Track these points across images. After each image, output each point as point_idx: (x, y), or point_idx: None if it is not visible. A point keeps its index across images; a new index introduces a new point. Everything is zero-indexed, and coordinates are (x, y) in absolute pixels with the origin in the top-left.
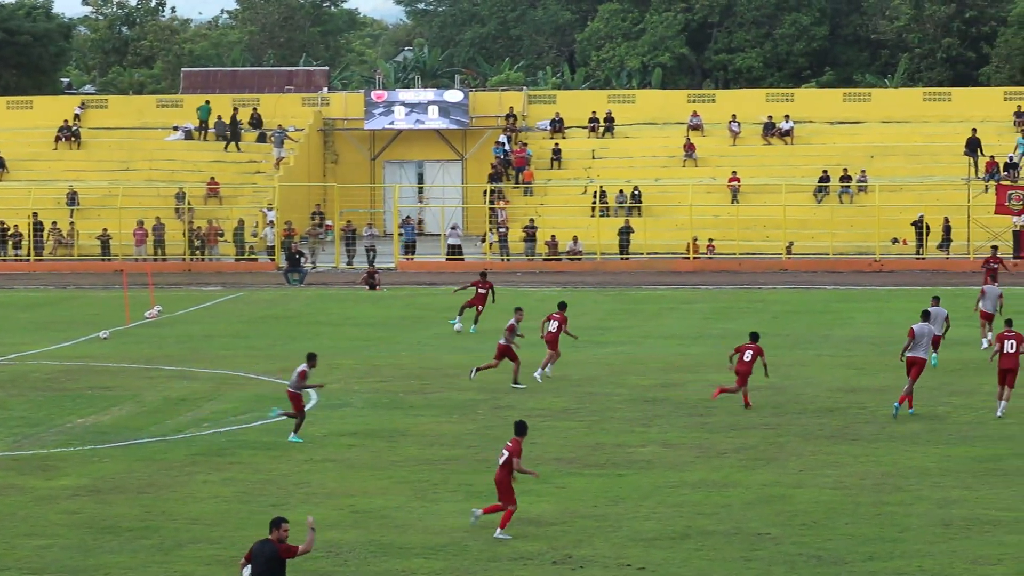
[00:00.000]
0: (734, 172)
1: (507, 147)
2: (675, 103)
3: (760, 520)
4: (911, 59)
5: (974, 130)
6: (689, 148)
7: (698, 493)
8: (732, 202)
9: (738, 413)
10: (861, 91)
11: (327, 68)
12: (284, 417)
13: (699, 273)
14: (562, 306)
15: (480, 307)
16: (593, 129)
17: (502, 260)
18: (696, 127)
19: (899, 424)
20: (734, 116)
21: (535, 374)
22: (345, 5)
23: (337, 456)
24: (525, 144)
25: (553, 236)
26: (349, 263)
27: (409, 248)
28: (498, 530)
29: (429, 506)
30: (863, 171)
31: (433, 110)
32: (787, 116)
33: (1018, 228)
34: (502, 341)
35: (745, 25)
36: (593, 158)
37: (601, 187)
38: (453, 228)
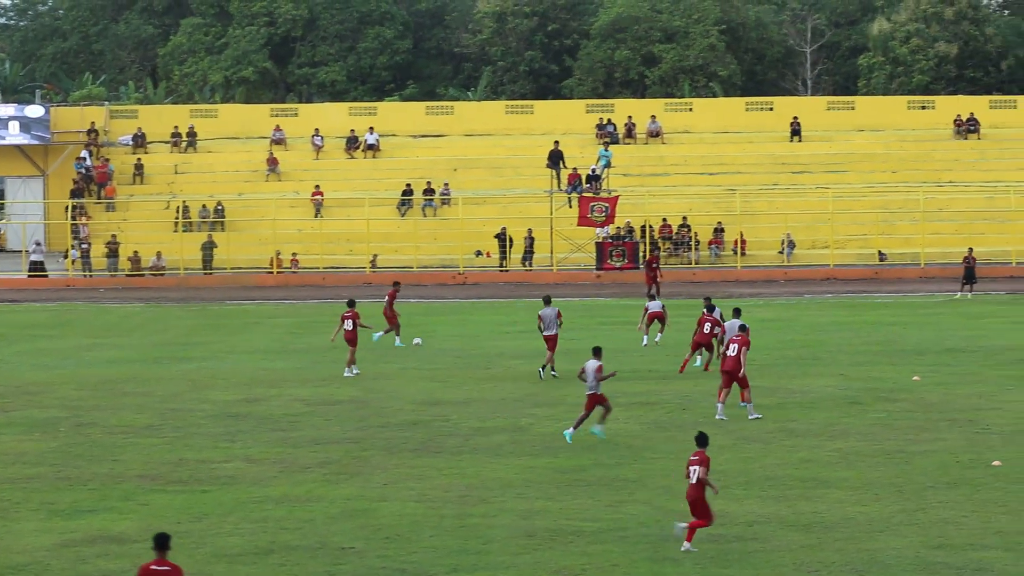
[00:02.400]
0: (317, 186)
1: (89, 162)
2: (258, 117)
3: (344, 534)
4: (494, 72)
5: (556, 142)
6: (272, 162)
7: (281, 508)
8: (316, 216)
9: (321, 427)
10: (444, 104)
11: None
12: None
13: (283, 287)
14: (351, 303)
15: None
16: (176, 144)
17: (84, 276)
18: (279, 141)
19: (483, 436)
20: (317, 130)
21: (345, 373)
22: None
23: None
24: (107, 159)
25: (136, 252)
26: None
27: None
28: (685, 544)
29: (10, 525)
30: (446, 184)
31: (14, 125)
32: (371, 129)
33: (601, 239)
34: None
35: (328, 39)
36: (176, 173)
37: (184, 202)
38: (37, 244)
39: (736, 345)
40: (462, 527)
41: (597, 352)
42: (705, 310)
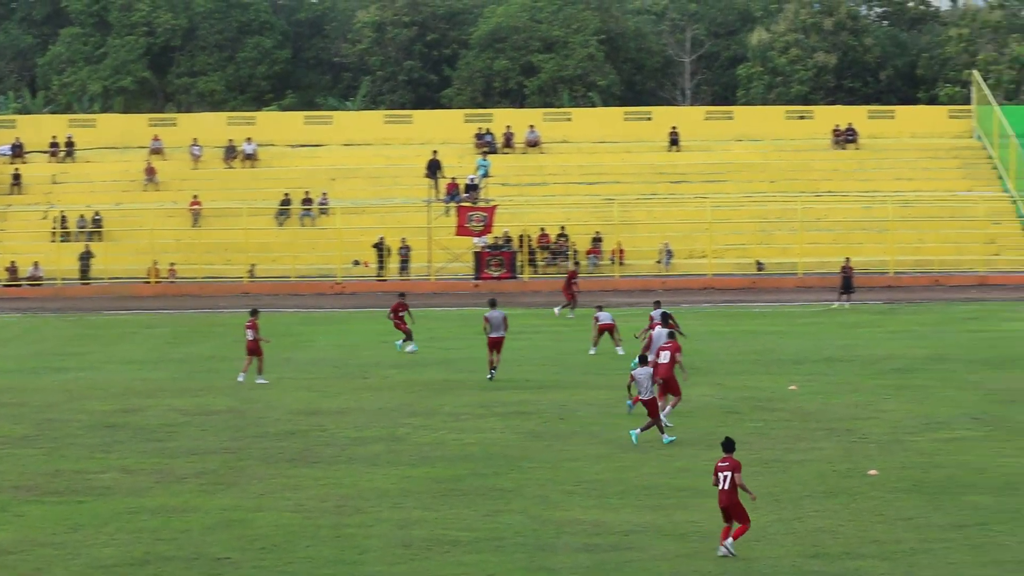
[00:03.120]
0: (195, 196)
1: None
2: (136, 127)
3: (220, 545)
4: (373, 82)
5: (435, 152)
6: (150, 172)
7: (157, 519)
8: (193, 226)
9: (198, 438)
10: (323, 114)
11: None
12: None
13: (161, 297)
14: (254, 312)
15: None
16: (54, 154)
17: None
18: (157, 151)
19: (359, 446)
20: (195, 140)
21: (257, 379)
22: None
23: None
24: None
25: (13, 262)
26: None
27: None
28: (727, 542)
29: None
30: (324, 194)
31: None
32: (249, 139)
33: (479, 249)
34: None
35: (208, 49)
36: (54, 183)
37: (62, 212)
38: None
39: (668, 352)
40: (338, 537)
41: (644, 360)
42: (652, 316)
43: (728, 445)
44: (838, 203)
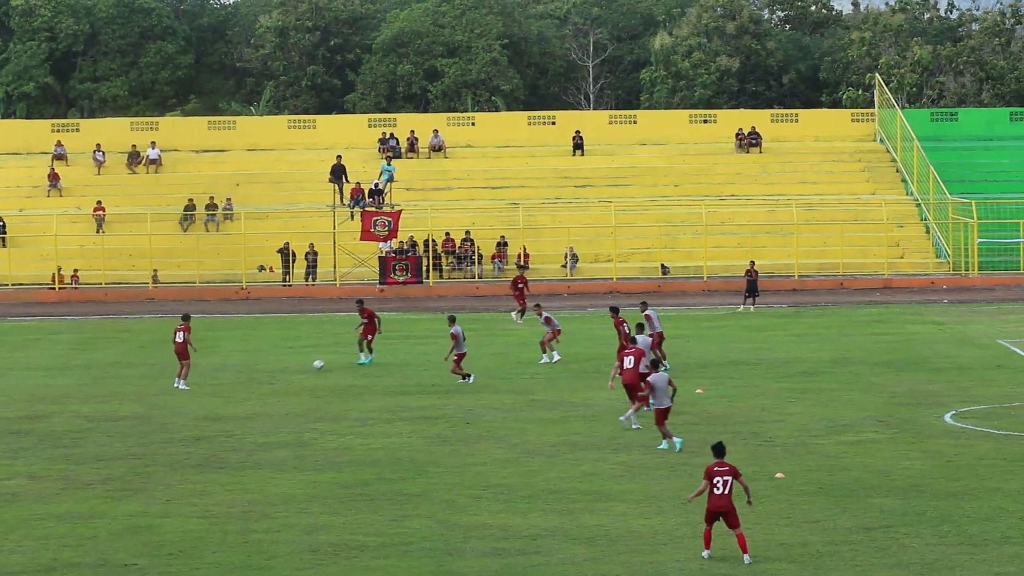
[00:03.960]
0: (99, 202)
1: None
2: (39, 133)
3: (127, 551)
4: (276, 87)
5: (339, 157)
6: (54, 178)
7: (64, 525)
8: (97, 232)
9: (104, 444)
10: (226, 119)
11: None
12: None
13: (65, 303)
14: (186, 317)
15: (370, 336)
16: None
17: None
18: (60, 157)
19: (265, 452)
20: (99, 145)
21: (177, 385)
22: None
23: None
24: None
25: None
26: None
27: None
28: (746, 556)
29: None
30: (229, 199)
31: None
32: (153, 144)
33: (384, 254)
34: None
35: (110, 54)
36: None
37: None
38: None
39: (632, 357)
40: (245, 543)
41: (656, 365)
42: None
43: (720, 449)
44: (742, 207)
